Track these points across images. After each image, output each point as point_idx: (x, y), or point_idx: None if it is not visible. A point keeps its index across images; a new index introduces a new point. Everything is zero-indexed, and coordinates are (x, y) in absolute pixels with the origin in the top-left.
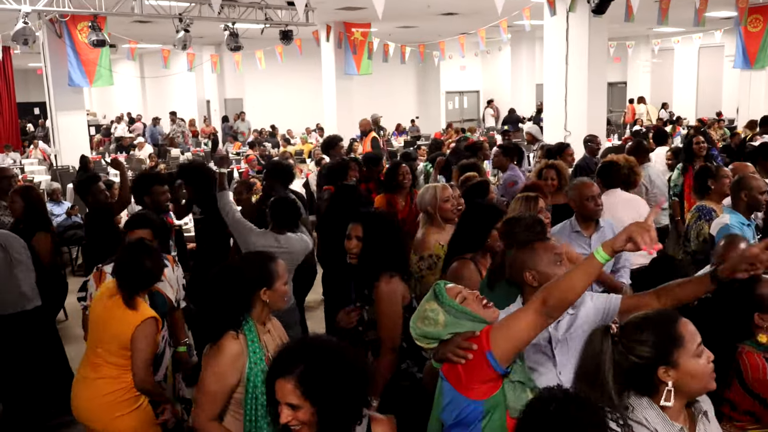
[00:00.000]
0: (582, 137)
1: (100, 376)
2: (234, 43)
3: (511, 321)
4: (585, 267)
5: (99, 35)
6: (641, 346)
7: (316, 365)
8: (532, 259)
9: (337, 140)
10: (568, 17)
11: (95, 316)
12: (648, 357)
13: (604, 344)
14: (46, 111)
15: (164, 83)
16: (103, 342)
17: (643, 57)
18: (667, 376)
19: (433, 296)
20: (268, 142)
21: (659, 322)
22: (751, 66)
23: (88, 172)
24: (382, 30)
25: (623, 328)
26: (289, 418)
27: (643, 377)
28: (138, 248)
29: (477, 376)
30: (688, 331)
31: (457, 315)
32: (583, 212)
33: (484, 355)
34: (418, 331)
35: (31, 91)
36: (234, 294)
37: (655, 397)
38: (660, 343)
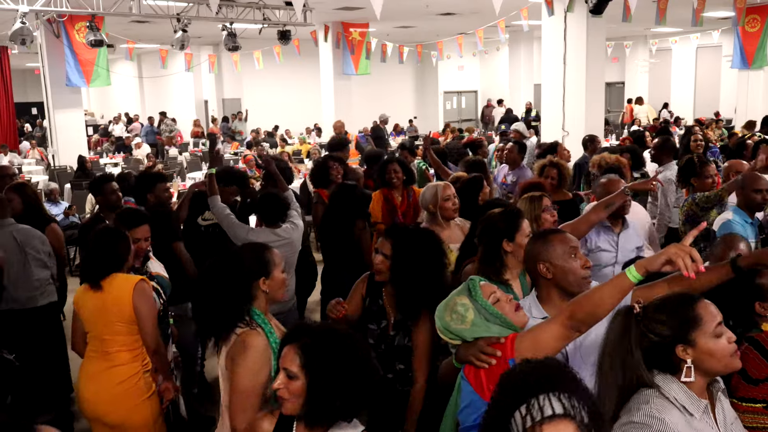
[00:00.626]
0: (580, 137)
1: (113, 364)
2: (232, 43)
3: (538, 331)
4: (616, 284)
5: (97, 35)
6: (659, 326)
7: (321, 340)
8: (547, 251)
9: (345, 143)
10: (566, 17)
11: (88, 311)
12: (666, 335)
13: (627, 324)
14: (44, 111)
15: (162, 83)
16: (107, 329)
17: (641, 57)
18: (685, 354)
19: (465, 291)
20: (266, 142)
21: (678, 302)
22: (749, 66)
23: (86, 172)
24: (380, 30)
25: (645, 309)
26: (282, 385)
27: (663, 355)
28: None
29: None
30: (708, 312)
31: (488, 317)
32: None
33: (507, 362)
34: (443, 323)
35: (28, 91)
36: (234, 285)
37: (677, 374)
38: (677, 323)
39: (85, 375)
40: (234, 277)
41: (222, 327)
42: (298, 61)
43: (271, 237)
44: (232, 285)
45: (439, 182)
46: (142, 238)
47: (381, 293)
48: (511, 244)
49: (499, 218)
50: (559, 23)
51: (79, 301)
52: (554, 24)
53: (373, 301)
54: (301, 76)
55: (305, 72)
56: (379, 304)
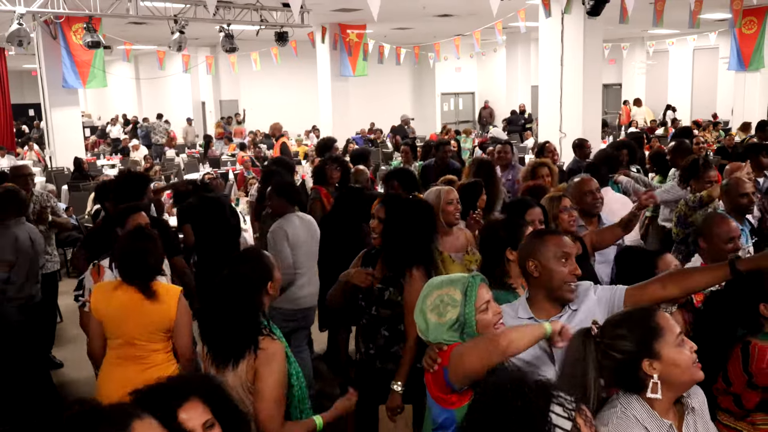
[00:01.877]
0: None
1: (147, 366)
2: (229, 44)
3: (468, 347)
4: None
5: (94, 36)
6: (622, 341)
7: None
8: (539, 249)
9: (332, 142)
10: (563, 19)
11: (115, 311)
12: (630, 351)
13: (586, 347)
14: (41, 112)
15: (159, 85)
16: (142, 334)
17: (638, 59)
18: (651, 368)
19: (463, 288)
20: (263, 143)
21: (637, 316)
22: (746, 68)
23: (83, 173)
24: (377, 31)
25: (602, 328)
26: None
27: (629, 373)
28: (141, 236)
29: (438, 388)
30: (668, 322)
31: (464, 324)
32: (582, 207)
33: (442, 370)
34: (424, 305)
35: (25, 92)
36: (245, 303)
37: (643, 392)
38: (640, 336)
39: (119, 381)
40: (246, 291)
41: (243, 346)
42: (295, 63)
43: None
44: (245, 299)
45: (442, 186)
46: (144, 224)
47: (374, 262)
48: (515, 253)
49: (501, 227)
50: (556, 25)
51: (104, 298)
52: (551, 26)
53: (367, 268)
54: (298, 77)
55: (302, 73)
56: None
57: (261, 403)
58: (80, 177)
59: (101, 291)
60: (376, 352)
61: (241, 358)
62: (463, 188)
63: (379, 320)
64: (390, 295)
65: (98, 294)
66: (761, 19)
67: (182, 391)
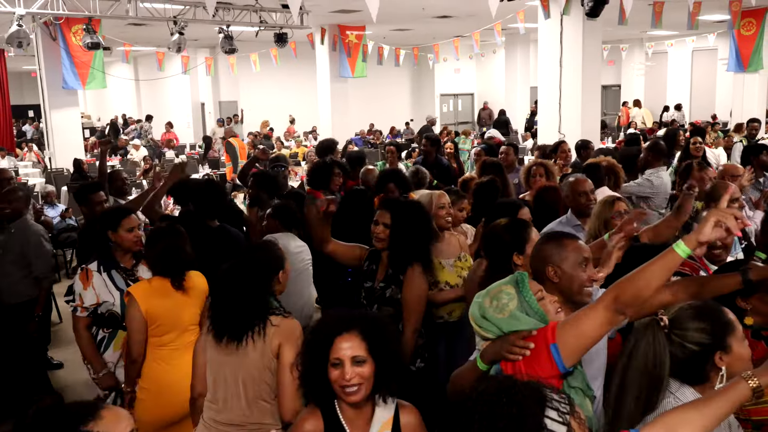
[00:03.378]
0: (576, 140)
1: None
2: (228, 45)
3: (581, 317)
4: (663, 262)
5: (93, 38)
6: (698, 333)
7: (372, 323)
8: (559, 255)
9: (334, 144)
10: (562, 20)
11: (171, 306)
12: (706, 343)
13: (659, 337)
14: (41, 113)
15: (159, 86)
16: (192, 319)
17: (637, 60)
18: (721, 361)
19: (513, 282)
20: (263, 144)
21: (710, 310)
22: (745, 69)
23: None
24: (376, 33)
25: (673, 321)
26: (354, 374)
27: (698, 365)
28: (172, 233)
29: (539, 370)
30: (734, 318)
31: (529, 311)
32: (576, 207)
33: (548, 348)
34: (481, 309)
35: (25, 93)
36: (261, 279)
37: (702, 386)
38: (716, 329)
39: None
40: (260, 273)
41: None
42: (294, 64)
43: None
44: (260, 280)
45: (434, 191)
46: (135, 227)
47: (378, 260)
48: (522, 257)
49: (505, 230)
50: (555, 26)
51: (158, 303)
52: (550, 27)
53: (370, 265)
54: (297, 78)
55: (302, 75)
56: (373, 269)
57: (287, 378)
58: (80, 178)
59: (143, 292)
60: None
61: (251, 334)
62: (479, 187)
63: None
64: (392, 293)
65: (142, 296)
66: (760, 21)
67: (346, 323)
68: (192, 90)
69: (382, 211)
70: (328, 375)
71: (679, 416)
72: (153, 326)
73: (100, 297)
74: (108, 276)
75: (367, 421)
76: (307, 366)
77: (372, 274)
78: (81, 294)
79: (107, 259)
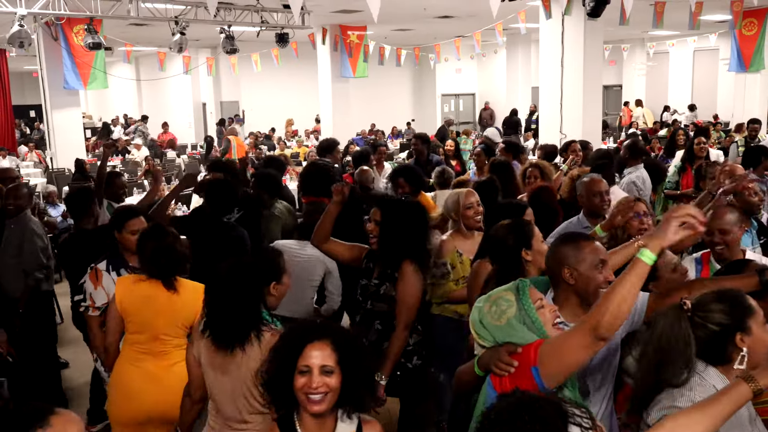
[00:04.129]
0: (577, 140)
1: (172, 362)
2: (230, 45)
3: (562, 342)
4: (633, 274)
5: (95, 38)
6: (719, 314)
7: (344, 336)
8: (576, 257)
9: (335, 144)
10: (564, 20)
11: (142, 306)
12: (726, 324)
13: (683, 322)
14: (42, 113)
15: (160, 86)
16: (169, 329)
17: (639, 60)
18: (742, 342)
19: (513, 289)
20: (264, 144)
21: (732, 294)
22: (746, 69)
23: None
24: (377, 33)
25: (696, 304)
26: (320, 383)
27: (719, 345)
28: (163, 233)
29: (523, 385)
30: (756, 304)
31: (526, 321)
32: (590, 208)
33: (530, 369)
34: (480, 314)
35: (26, 93)
36: (250, 289)
37: (726, 366)
38: (736, 311)
39: (141, 376)
40: (250, 280)
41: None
42: (295, 64)
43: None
44: (248, 288)
45: (462, 189)
46: (140, 229)
47: (376, 259)
48: (530, 252)
49: (509, 231)
50: (556, 26)
51: (129, 298)
52: (552, 27)
53: (368, 264)
54: (298, 78)
55: (303, 75)
56: (371, 267)
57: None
58: (81, 178)
59: (125, 286)
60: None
61: (245, 343)
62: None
63: (374, 314)
64: (386, 290)
65: (122, 289)
66: (761, 21)
67: (319, 331)
68: (193, 90)
69: (375, 209)
70: (293, 383)
71: (685, 417)
72: (126, 321)
73: (110, 296)
74: (117, 275)
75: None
76: (273, 372)
77: (369, 272)
78: (92, 294)
79: (116, 259)
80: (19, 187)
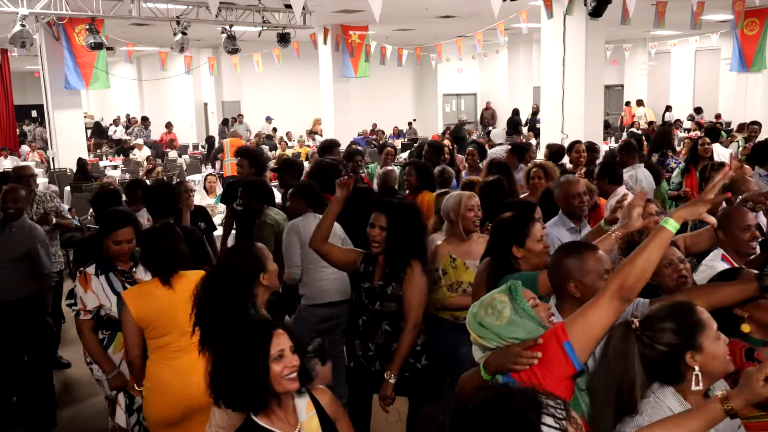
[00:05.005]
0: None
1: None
2: (231, 45)
3: (588, 310)
4: (657, 240)
5: (96, 38)
6: (668, 334)
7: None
8: (580, 270)
9: (335, 145)
10: (565, 20)
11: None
12: (675, 344)
13: (629, 340)
14: (44, 113)
15: (161, 86)
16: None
17: (640, 60)
18: (693, 361)
19: (506, 291)
20: (265, 144)
21: (680, 310)
22: (748, 69)
23: (86, 174)
24: (379, 33)
25: (643, 322)
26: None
27: (670, 365)
28: (166, 232)
29: (555, 372)
30: (707, 317)
31: (524, 317)
32: (568, 209)
33: (562, 346)
34: (477, 317)
35: (28, 93)
36: (240, 290)
37: (681, 385)
38: (685, 329)
39: (173, 372)
40: (238, 284)
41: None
42: (297, 64)
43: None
44: (238, 292)
45: (464, 191)
46: (124, 241)
47: (374, 262)
48: (522, 250)
49: (509, 223)
50: (558, 26)
51: (150, 307)
52: (553, 27)
53: (367, 267)
54: (300, 78)
55: (304, 75)
56: (370, 271)
57: None
58: (83, 178)
59: (136, 297)
60: (376, 352)
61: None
62: (485, 186)
63: (382, 315)
64: (393, 289)
65: (134, 301)
66: (763, 21)
67: (269, 323)
68: (195, 90)
69: (377, 213)
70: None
71: (660, 428)
72: (148, 329)
73: (100, 300)
74: (105, 279)
75: (292, 413)
76: (248, 369)
77: (369, 275)
78: (82, 297)
79: (104, 263)
80: (16, 190)
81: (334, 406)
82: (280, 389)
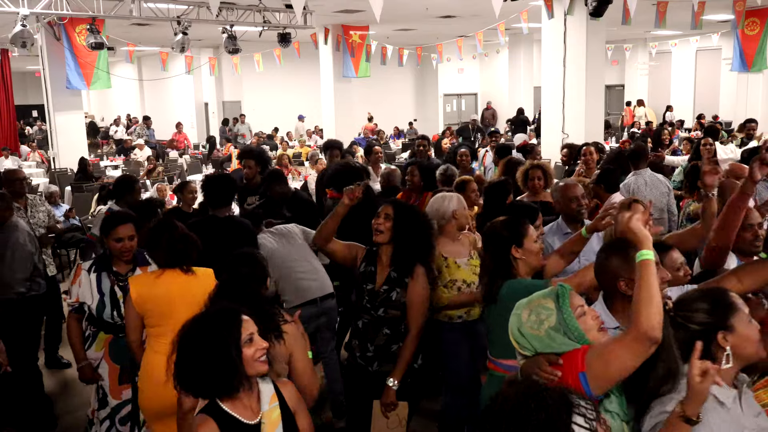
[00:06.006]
0: (579, 140)
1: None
2: (232, 45)
3: (611, 349)
4: (644, 276)
5: (97, 38)
6: (701, 314)
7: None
8: (628, 266)
9: (338, 145)
10: (566, 20)
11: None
12: (707, 323)
13: (665, 321)
14: (44, 113)
15: (162, 86)
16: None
17: (641, 60)
18: (725, 341)
19: (553, 296)
20: (266, 144)
21: (713, 292)
22: (749, 69)
23: (87, 174)
24: (380, 33)
25: (678, 304)
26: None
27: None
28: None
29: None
30: (740, 301)
31: (566, 331)
32: (566, 213)
33: (577, 376)
34: (519, 321)
35: (29, 93)
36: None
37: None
38: (717, 310)
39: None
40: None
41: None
42: (298, 64)
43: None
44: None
45: (455, 193)
46: (125, 237)
47: (375, 261)
48: (520, 250)
49: (504, 226)
50: (558, 26)
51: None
52: (554, 27)
53: (368, 267)
54: (301, 78)
55: (305, 74)
56: (371, 271)
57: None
58: (84, 178)
59: (141, 283)
60: (375, 353)
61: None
62: (490, 187)
63: (384, 320)
64: (398, 296)
65: (138, 287)
66: (764, 21)
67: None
68: (195, 90)
69: (385, 205)
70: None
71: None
72: (146, 316)
73: (80, 296)
74: (96, 277)
75: (256, 400)
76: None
77: (371, 276)
78: (71, 288)
79: (102, 262)
80: (3, 197)
81: (295, 398)
82: (252, 372)
